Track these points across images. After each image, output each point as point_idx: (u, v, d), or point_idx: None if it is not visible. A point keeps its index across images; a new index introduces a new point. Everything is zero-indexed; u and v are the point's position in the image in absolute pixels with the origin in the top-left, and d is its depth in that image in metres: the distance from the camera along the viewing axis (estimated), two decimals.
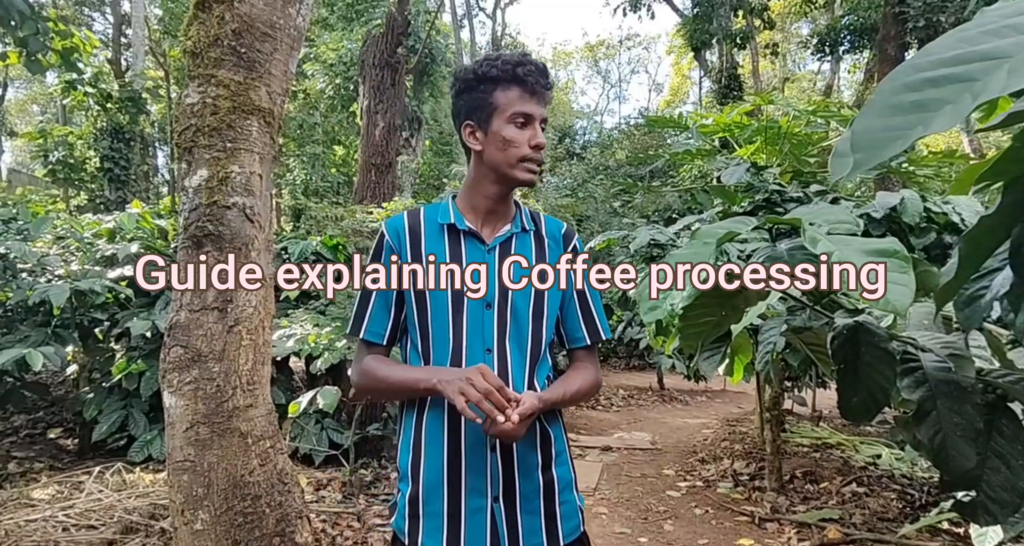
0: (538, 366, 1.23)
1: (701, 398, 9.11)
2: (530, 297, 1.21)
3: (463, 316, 1.17)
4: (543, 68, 1.21)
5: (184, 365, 1.50)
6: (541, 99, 1.20)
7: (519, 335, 1.20)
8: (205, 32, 1.56)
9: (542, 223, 1.31)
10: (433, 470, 1.15)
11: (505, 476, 1.15)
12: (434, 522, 1.14)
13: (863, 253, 0.69)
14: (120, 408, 4.16)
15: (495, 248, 1.22)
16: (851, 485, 4.34)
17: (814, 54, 16.32)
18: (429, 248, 1.21)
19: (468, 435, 1.14)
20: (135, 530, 2.58)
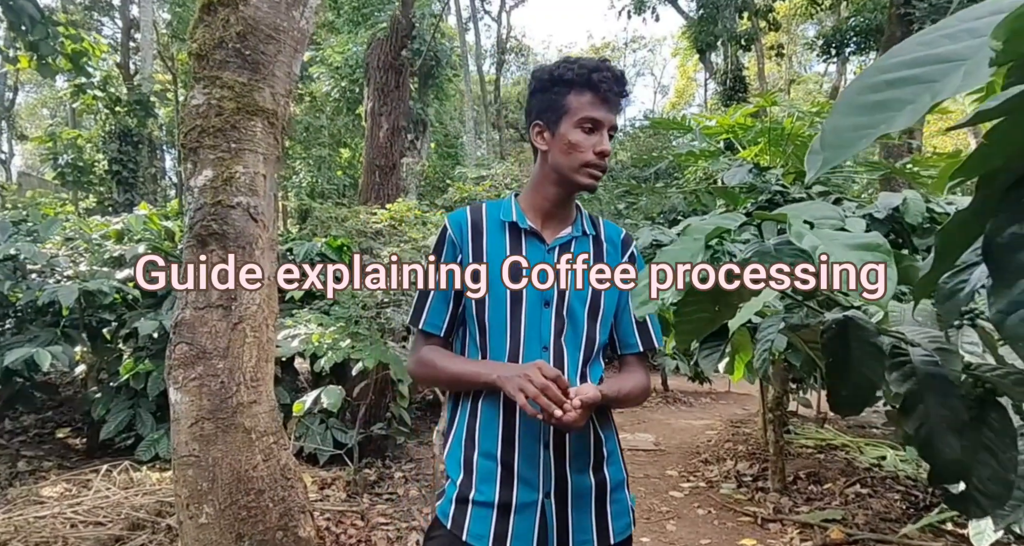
0: (591, 366, 1.25)
1: (705, 399, 9.10)
2: (586, 298, 1.23)
3: (521, 313, 1.19)
4: (620, 75, 1.21)
5: (189, 362, 1.53)
6: (613, 107, 1.21)
7: (575, 334, 1.22)
8: (210, 35, 1.60)
9: (602, 228, 1.33)
10: (487, 461, 1.17)
11: (557, 473, 1.16)
12: (483, 511, 1.15)
13: (846, 247, 0.71)
14: (127, 407, 4.21)
15: (555, 249, 1.25)
16: (855, 486, 4.34)
17: (820, 56, 16.31)
18: (491, 244, 1.24)
19: (522, 430, 1.16)
20: (142, 526, 2.61)
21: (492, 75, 25.75)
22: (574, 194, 1.26)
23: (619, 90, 1.21)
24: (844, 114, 0.47)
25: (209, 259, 1.57)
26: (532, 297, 1.20)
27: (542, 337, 1.19)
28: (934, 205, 3.53)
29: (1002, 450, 1.01)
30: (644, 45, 38.37)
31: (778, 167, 4.32)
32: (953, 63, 0.43)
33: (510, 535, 1.13)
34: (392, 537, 3.11)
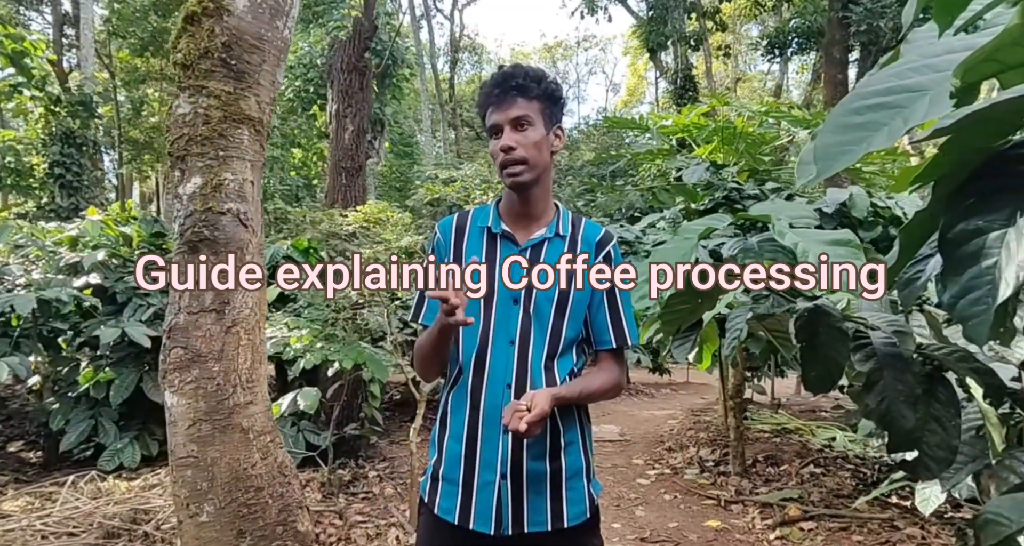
0: (559, 360, 1.31)
1: (666, 390, 9.38)
2: (554, 297, 1.29)
3: (492, 310, 1.29)
4: (506, 74, 1.29)
5: (184, 365, 1.55)
6: (506, 105, 1.27)
7: (541, 330, 1.29)
8: (195, 45, 1.61)
9: (580, 228, 1.37)
10: (455, 443, 1.28)
11: (514, 458, 1.24)
12: (451, 488, 1.27)
13: (822, 243, 0.81)
14: (88, 417, 4.09)
15: (527, 249, 1.33)
16: (809, 466, 4.59)
17: (764, 55, 16.91)
18: (469, 247, 1.35)
19: (485, 416, 1.26)
20: (117, 535, 2.58)
21: (446, 74, 25.66)
22: (526, 195, 1.32)
23: (501, 89, 1.28)
24: (832, 133, 0.56)
25: (203, 264, 1.59)
26: (502, 295, 1.29)
27: (509, 332, 1.28)
28: (877, 200, 3.78)
29: (948, 420, 1.15)
30: (596, 44, 38.93)
31: (732, 165, 4.52)
32: (920, 93, 0.53)
33: (473, 510, 1.24)
34: (371, 534, 3.14)
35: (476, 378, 1.28)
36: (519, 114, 1.26)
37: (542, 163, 1.30)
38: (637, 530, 3.63)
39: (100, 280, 3.99)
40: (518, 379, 1.26)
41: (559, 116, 1.35)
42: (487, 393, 1.27)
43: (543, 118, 1.29)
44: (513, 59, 36.82)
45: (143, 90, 16.84)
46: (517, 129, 1.27)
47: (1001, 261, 0.62)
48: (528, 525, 1.25)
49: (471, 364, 1.29)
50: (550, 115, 1.31)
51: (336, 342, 2.95)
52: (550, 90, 1.30)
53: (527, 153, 1.26)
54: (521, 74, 1.28)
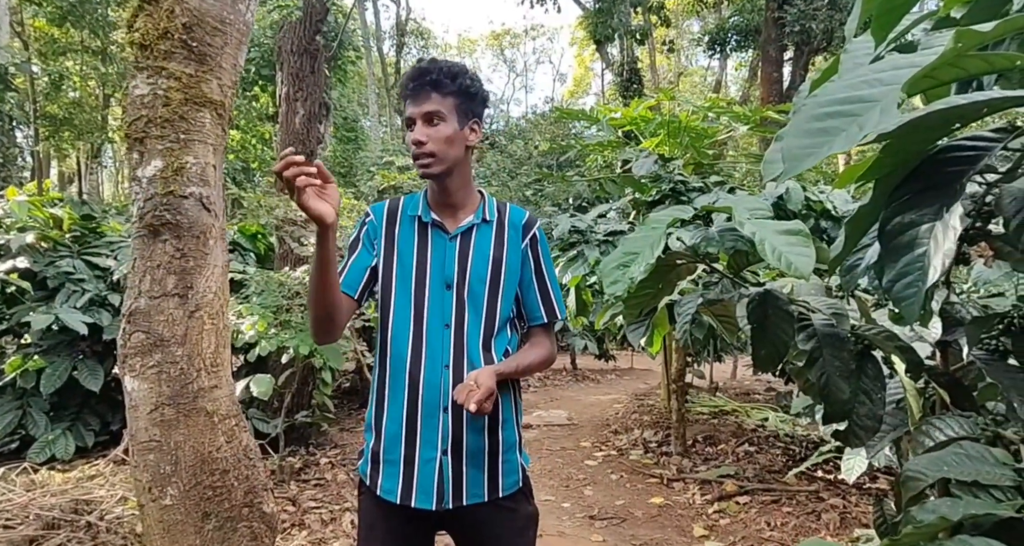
0: (495, 339, 1.37)
1: (611, 376, 9.66)
2: (486, 279, 1.36)
3: (424, 296, 1.34)
4: (422, 69, 1.33)
5: (147, 350, 1.52)
6: (419, 98, 1.31)
7: (475, 313, 1.35)
8: (154, 25, 1.56)
9: (506, 213, 1.45)
10: (393, 424, 1.31)
11: (454, 434, 1.30)
12: (392, 468, 1.31)
13: (777, 233, 0.90)
14: (15, 408, 3.89)
15: (457, 237, 1.37)
16: (744, 445, 4.87)
17: (706, 51, 17.40)
18: (401, 235, 1.39)
19: (425, 394, 1.30)
20: (58, 526, 2.49)
21: (392, 58, 25.16)
22: (443, 185, 1.36)
23: (416, 83, 1.32)
24: (796, 136, 0.64)
25: (163, 249, 1.57)
26: (435, 281, 1.34)
27: (444, 316, 1.33)
28: (810, 194, 4.03)
29: (875, 392, 1.28)
30: (543, 33, 38.98)
31: (679, 158, 4.69)
32: (871, 103, 0.61)
33: (414, 487, 1.29)
34: (326, 519, 3.15)
35: (413, 362, 1.31)
36: (431, 109, 1.30)
37: (452, 157, 1.33)
38: (586, 508, 3.78)
39: (29, 264, 3.77)
40: (455, 360, 1.31)
41: (477, 111, 1.37)
42: (425, 375, 1.31)
43: (457, 114, 1.32)
44: (460, 45, 36.43)
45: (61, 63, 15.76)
46: (428, 124, 1.31)
47: (930, 250, 0.73)
48: (467, 497, 1.31)
49: (407, 348, 1.32)
50: (465, 110, 1.34)
51: (291, 328, 2.92)
52: (465, 86, 1.33)
53: (435, 148, 1.30)
54: (436, 69, 1.31)
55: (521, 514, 1.39)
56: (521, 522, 1.39)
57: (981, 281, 2.69)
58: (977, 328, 1.14)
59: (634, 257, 0.97)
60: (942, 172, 0.73)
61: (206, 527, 1.54)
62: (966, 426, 1.02)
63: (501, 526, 1.36)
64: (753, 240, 0.90)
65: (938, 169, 0.74)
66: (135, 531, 2.53)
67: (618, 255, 0.99)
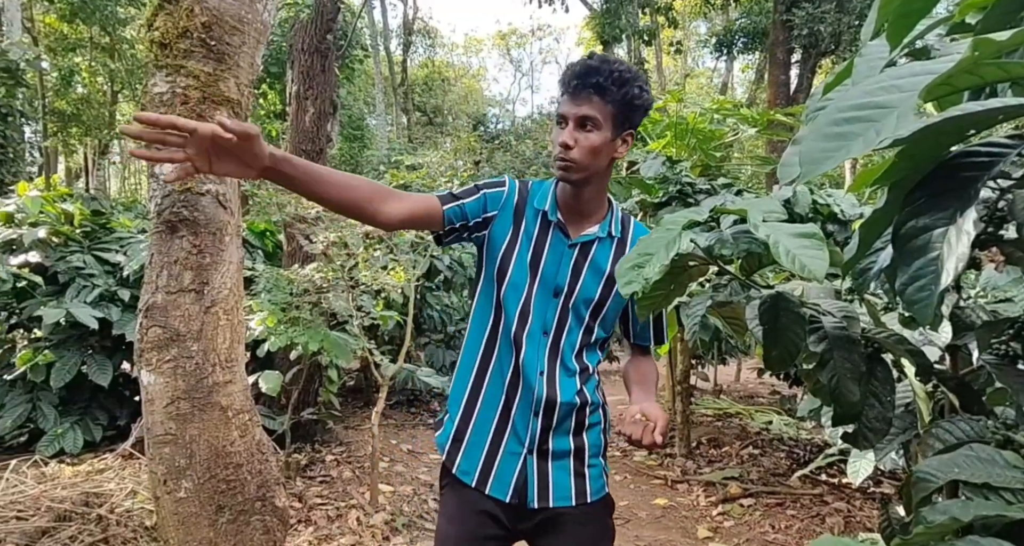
0: (587, 355, 1.37)
1: (615, 377, 9.65)
2: (593, 298, 1.33)
3: (532, 298, 1.31)
4: (590, 68, 1.23)
5: (163, 344, 1.55)
6: (578, 99, 1.24)
7: (577, 326, 1.33)
8: (173, 24, 1.58)
9: (630, 230, 1.40)
10: (487, 411, 1.32)
11: (542, 438, 1.30)
12: (474, 451, 1.32)
13: (791, 235, 0.92)
14: (25, 402, 3.92)
15: (576, 246, 1.34)
16: (748, 448, 4.88)
17: (713, 53, 17.39)
18: (526, 226, 1.34)
19: (521, 397, 1.30)
20: (69, 518, 2.52)
21: (399, 56, 25.22)
22: (576, 191, 1.32)
23: (579, 82, 1.23)
24: (814, 140, 0.66)
25: (180, 245, 1.59)
26: (545, 284, 1.31)
27: (546, 322, 1.31)
28: (818, 198, 4.03)
29: (884, 395, 1.30)
30: (550, 33, 39.01)
31: (686, 160, 4.70)
32: (888, 109, 0.62)
33: (492, 474, 1.29)
34: (332, 515, 3.17)
35: (515, 358, 1.30)
36: (587, 114, 1.23)
37: (594, 167, 1.28)
38: None
39: (40, 258, 3.81)
40: (549, 368, 1.30)
41: (635, 121, 1.30)
42: (524, 375, 1.30)
43: (612, 123, 1.25)
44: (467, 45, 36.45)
45: (71, 59, 15.87)
46: (581, 128, 1.25)
47: (943, 254, 0.74)
48: (553, 500, 1.30)
49: (510, 344, 1.31)
50: (622, 121, 1.27)
51: (300, 325, 2.94)
52: (630, 97, 1.24)
53: (580, 156, 1.25)
54: (605, 73, 1.22)
55: (606, 526, 1.38)
56: (606, 534, 1.38)
57: (989, 286, 2.69)
58: (987, 332, 1.15)
59: (649, 258, 0.98)
60: (957, 177, 0.75)
61: (220, 520, 1.56)
62: (976, 429, 1.03)
63: (587, 536, 1.34)
64: (767, 242, 0.91)
65: (953, 174, 0.75)
66: (144, 524, 2.55)
67: (633, 255, 1.00)
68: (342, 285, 3.17)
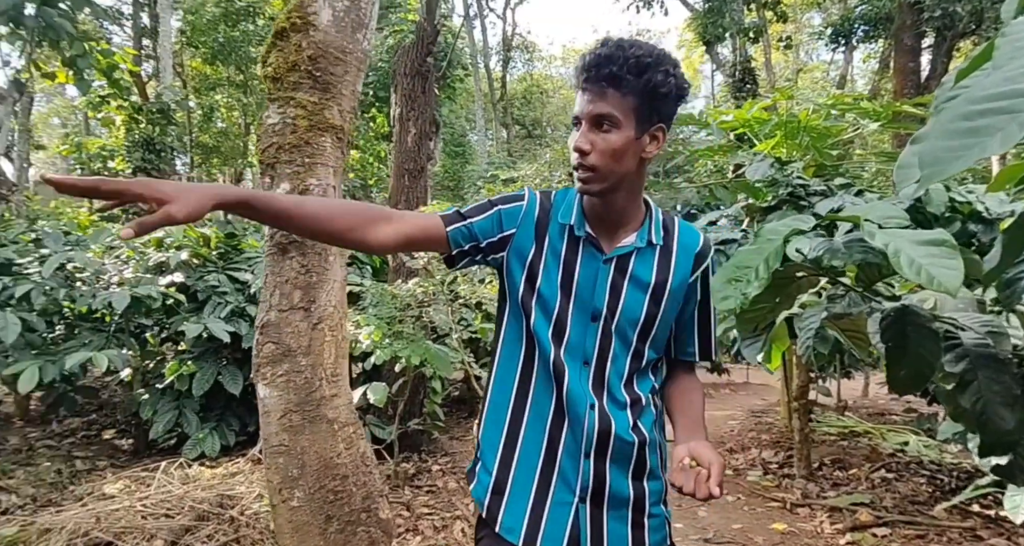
0: (639, 382, 1.19)
1: (725, 391, 9.19)
2: (640, 317, 1.15)
3: (566, 325, 1.15)
4: (602, 57, 1.05)
5: (276, 359, 1.66)
6: (591, 94, 1.06)
7: (623, 352, 1.16)
8: (284, 59, 1.71)
9: (675, 234, 1.20)
10: (528, 458, 1.15)
11: (596, 482, 1.14)
12: (518, 505, 1.14)
13: (915, 243, 0.81)
14: (173, 408, 4.36)
15: (612, 260, 1.16)
16: (880, 471, 4.43)
17: (828, 45, 16.25)
18: (551, 244, 1.17)
19: (568, 437, 1.14)
20: (207, 518, 2.75)
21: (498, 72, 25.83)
22: (603, 201, 1.14)
23: (591, 74, 1.05)
24: (939, 138, 0.57)
25: (290, 265, 1.69)
26: (579, 310, 1.14)
27: (585, 352, 1.14)
28: (955, 194, 3.60)
29: None
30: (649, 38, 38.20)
31: (798, 160, 4.40)
32: None
33: (542, 530, 1.13)
34: (438, 525, 3.24)
35: (556, 393, 1.14)
36: (602, 112, 1.05)
37: (618, 173, 1.09)
38: (700, 530, 3.60)
39: (183, 278, 4.25)
40: (598, 400, 1.14)
41: (666, 112, 1.09)
42: (570, 411, 1.14)
43: (636, 118, 1.06)
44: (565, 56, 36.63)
45: (212, 97, 17.69)
46: (597, 128, 1.06)
47: None
48: None
49: (548, 377, 1.15)
50: (648, 114, 1.07)
51: (403, 339, 3.06)
52: (654, 83, 1.04)
53: (599, 161, 1.07)
54: (620, 60, 1.03)
55: None
56: None
57: None
58: None
59: (747, 271, 0.91)
60: None
61: (329, 529, 1.63)
62: None
63: None
64: (886, 252, 0.81)
65: None
66: (269, 527, 2.74)
67: (730, 269, 0.93)
68: (443, 299, 3.26)
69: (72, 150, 9.82)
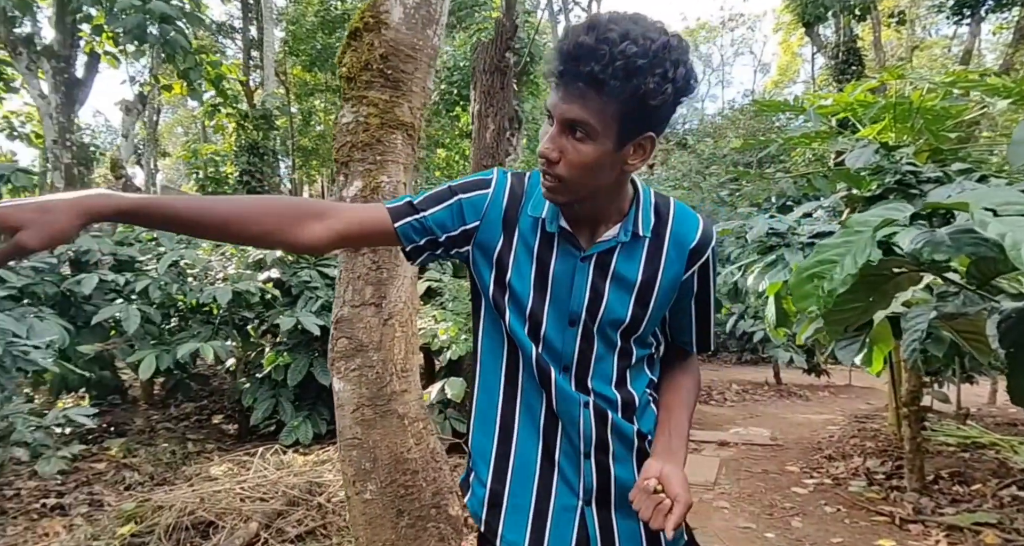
0: (632, 380, 1.08)
1: (823, 394, 8.62)
2: (624, 319, 1.01)
3: (541, 330, 1.02)
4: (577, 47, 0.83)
5: (349, 354, 1.70)
6: (568, 94, 0.86)
7: (607, 353, 1.04)
8: (357, 58, 1.75)
9: (668, 223, 1.04)
10: (525, 463, 1.06)
11: (600, 482, 1.05)
12: (518, 516, 1.06)
13: None
14: (270, 397, 4.64)
15: (591, 258, 1.01)
16: (1010, 488, 3.97)
17: (950, 18, 14.76)
18: (522, 238, 1.02)
19: (563, 442, 1.05)
20: (297, 503, 2.90)
21: None
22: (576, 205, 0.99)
23: (572, 72, 0.84)
24: None
25: (362, 261, 1.73)
26: (554, 314, 1.02)
27: (564, 357, 1.02)
28: None
29: None
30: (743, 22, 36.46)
31: (909, 145, 4.01)
32: None
33: (546, 541, 1.04)
34: None
35: (545, 393, 1.04)
36: (576, 118, 0.86)
37: (589, 186, 0.93)
38: (794, 542, 3.38)
39: (279, 274, 4.51)
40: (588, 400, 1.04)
41: (657, 118, 0.89)
42: (561, 411, 1.04)
43: (617, 128, 0.87)
44: None
45: (311, 102, 18.72)
46: (569, 134, 0.88)
47: None
48: None
49: (533, 378, 1.05)
50: (633, 124, 0.87)
51: None
52: (642, 93, 0.82)
53: (567, 173, 0.90)
54: (605, 58, 0.81)
55: None
56: None
57: None
58: None
59: (830, 267, 0.81)
60: None
61: (400, 524, 1.66)
62: None
63: None
64: (1001, 244, 0.69)
65: None
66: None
67: (809, 264, 0.84)
68: None
69: (189, 155, 10.74)
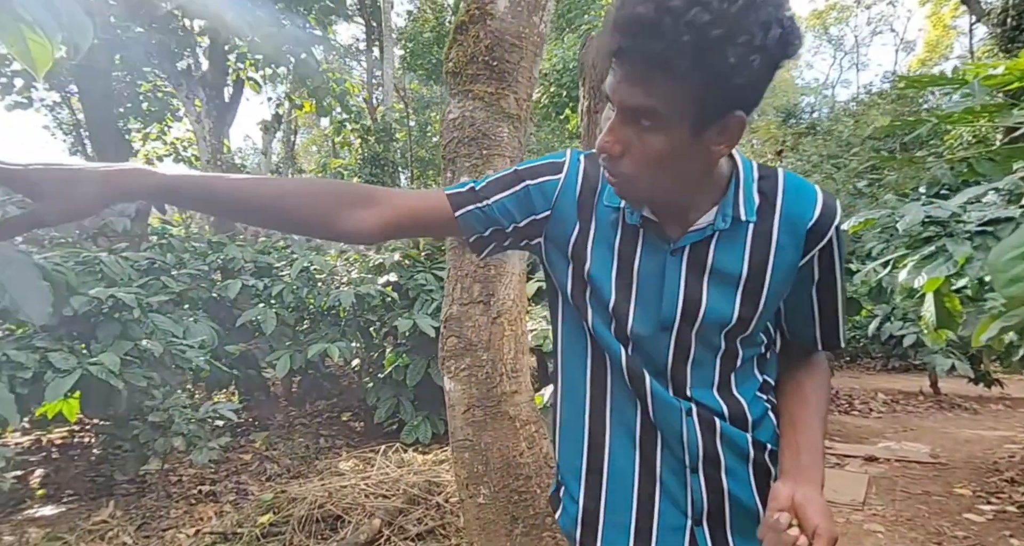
0: (739, 385, 0.92)
1: (996, 406, 7.49)
2: (731, 320, 0.86)
3: (628, 329, 0.88)
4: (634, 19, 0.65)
5: (459, 353, 1.67)
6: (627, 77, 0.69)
7: (706, 359, 0.89)
8: (463, 52, 1.72)
9: (779, 201, 0.85)
10: (621, 478, 0.94)
11: (711, 500, 0.91)
12: (618, 535, 0.94)
13: None
14: (392, 396, 4.81)
15: (682, 250, 0.86)
16: None
17: None
18: (599, 228, 0.89)
19: (665, 455, 0.91)
20: (416, 502, 2.95)
21: None
22: None
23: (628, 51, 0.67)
24: None
25: (470, 258, 1.69)
26: (643, 312, 0.87)
27: (656, 363, 0.88)
28: None
29: None
30: None
31: None
32: None
33: None
34: None
35: (639, 401, 0.90)
36: (640, 105, 0.70)
37: (665, 182, 0.78)
38: None
39: (397, 278, 4.67)
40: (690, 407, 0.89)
41: (743, 99, 0.71)
42: (661, 421, 0.90)
43: (692, 112, 0.70)
44: None
45: (427, 114, 19.56)
46: (631, 123, 0.73)
47: None
48: None
49: (624, 384, 0.91)
50: (714, 104, 0.70)
51: None
52: (720, 70, 0.65)
53: (635, 170, 0.76)
54: (669, 32, 0.63)
55: None
56: None
57: None
58: None
59: None
60: None
61: (514, 531, 1.59)
62: None
63: None
64: None
65: None
66: None
67: (1018, 240, 0.65)
68: None
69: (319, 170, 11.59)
